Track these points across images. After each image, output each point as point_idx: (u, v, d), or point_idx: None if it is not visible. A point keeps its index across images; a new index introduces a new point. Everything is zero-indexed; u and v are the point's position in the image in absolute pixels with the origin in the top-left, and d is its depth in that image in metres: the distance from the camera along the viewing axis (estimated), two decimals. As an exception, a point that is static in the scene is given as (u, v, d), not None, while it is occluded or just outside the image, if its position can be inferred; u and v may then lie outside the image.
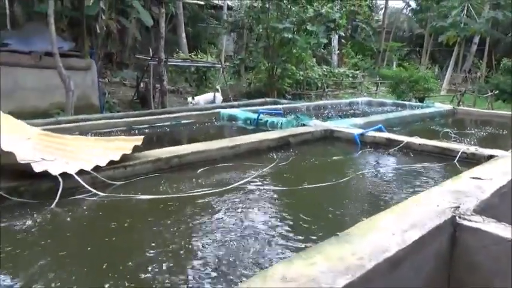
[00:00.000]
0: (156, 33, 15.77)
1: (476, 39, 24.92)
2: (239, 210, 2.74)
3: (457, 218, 2.17)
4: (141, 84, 12.32)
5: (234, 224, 2.51)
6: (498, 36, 26.13)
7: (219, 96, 10.37)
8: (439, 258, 2.11)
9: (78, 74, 9.10)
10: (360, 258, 1.62)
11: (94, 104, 9.65)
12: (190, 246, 2.21)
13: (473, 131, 6.24)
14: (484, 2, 22.61)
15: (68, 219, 2.53)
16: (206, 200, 2.87)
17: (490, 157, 3.70)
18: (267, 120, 5.64)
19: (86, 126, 5.13)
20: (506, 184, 2.83)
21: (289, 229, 2.47)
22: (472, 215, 2.21)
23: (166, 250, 2.15)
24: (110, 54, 17.25)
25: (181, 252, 2.14)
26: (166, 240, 2.26)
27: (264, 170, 3.55)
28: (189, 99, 10.07)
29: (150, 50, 12.08)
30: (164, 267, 1.98)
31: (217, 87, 11.27)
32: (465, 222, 2.13)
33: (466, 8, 21.68)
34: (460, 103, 12.64)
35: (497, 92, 16.34)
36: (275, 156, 4.04)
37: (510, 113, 9.04)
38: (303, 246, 2.22)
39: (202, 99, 9.97)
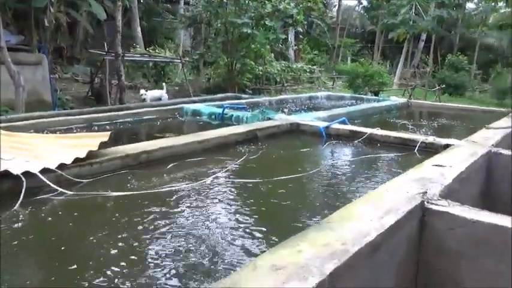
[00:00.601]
0: (109, 27, 15.21)
1: (424, 37, 26.27)
2: (211, 205, 2.73)
3: (425, 202, 2.29)
4: (95, 80, 11.82)
5: (206, 220, 2.49)
6: (443, 33, 27.73)
7: (164, 94, 9.74)
8: (410, 241, 2.23)
9: (27, 69, 8.57)
10: (343, 244, 1.68)
11: (46, 100, 9.13)
12: (159, 245, 2.16)
13: (427, 122, 6.59)
14: (430, 0, 23.82)
15: (34, 220, 2.40)
16: (178, 195, 2.83)
17: (447, 146, 3.93)
18: (232, 115, 5.63)
19: (42, 124, 4.86)
20: (465, 170, 3.03)
21: (265, 222, 2.50)
22: (438, 199, 2.35)
23: (134, 249, 2.09)
24: (60, 49, 16.39)
25: (148, 252, 2.09)
26: (135, 239, 2.19)
27: (234, 163, 3.56)
28: (142, 91, 9.65)
29: (105, 45, 11.60)
30: (129, 268, 1.93)
31: (163, 84, 10.74)
32: (433, 207, 2.26)
33: (414, 7, 22.74)
34: (412, 96, 13.27)
35: (444, 86, 17.36)
36: (243, 150, 4.05)
37: (456, 105, 9.66)
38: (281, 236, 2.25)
39: (150, 94, 9.44)
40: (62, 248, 2.11)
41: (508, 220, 2.04)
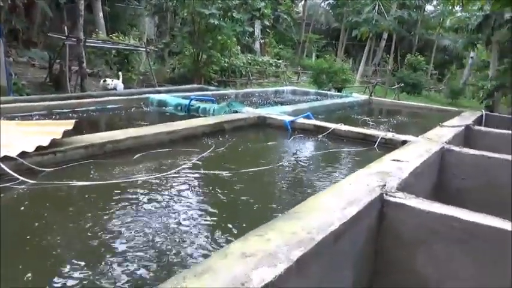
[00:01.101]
0: (69, 11, 14.56)
1: (385, 36, 27.16)
2: (177, 196, 2.74)
3: (384, 195, 2.44)
4: (54, 66, 11.32)
5: (170, 211, 2.51)
6: (403, 33, 28.80)
7: (120, 84, 9.34)
8: (370, 231, 2.37)
9: (-20, 51, 8.08)
10: (309, 233, 1.77)
11: (0, 85, 8.66)
12: (122, 235, 2.15)
13: (386, 119, 6.89)
14: (392, 1, 24.63)
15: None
16: (143, 186, 2.82)
17: (404, 142, 4.15)
18: (199, 107, 5.62)
19: (-2, 110, 4.64)
20: (420, 165, 3.22)
21: (231, 213, 2.56)
22: (396, 192, 2.51)
23: (96, 240, 2.08)
24: (15, 31, 15.54)
25: (111, 243, 2.08)
26: (97, 229, 2.18)
27: (202, 155, 3.58)
28: (108, 80, 9.28)
29: (65, 29, 11.12)
30: (89, 259, 1.93)
31: (119, 73, 10.36)
32: (391, 199, 2.41)
33: (377, 6, 23.43)
34: (373, 94, 13.74)
35: (403, 84, 18.10)
36: (211, 142, 4.07)
37: (414, 103, 10.12)
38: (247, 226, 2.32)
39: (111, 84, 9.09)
40: (23, 237, 2.07)
41: (457, 211, 2.22)
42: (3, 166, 2.59)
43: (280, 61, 21.77)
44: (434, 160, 3.67)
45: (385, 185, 2.55)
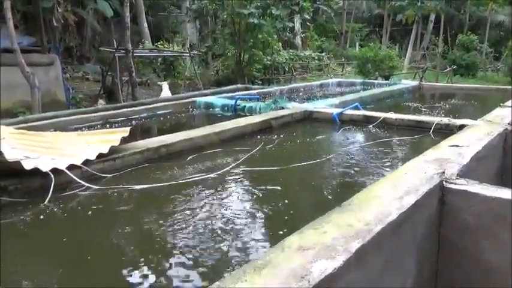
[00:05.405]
0: (116, 24, 15.30)
1: (433, 17, 25.79)
2: (233, 193, 2.80)
3: (444, 182, 2.33)
4: (106, 78, 11.96)
5: (229, 207, 2.56)
6: (452, 13, 27.19)
7: (166, 90, 9.57)
8: (431, 220, 2.27)
9: (41, 70, 8.72)
10: (366, 224, 1.73)
11: (60, 100, 9.31)
12: (187, 233, 2.24)
13: (440, 104, 6.56)
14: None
15: (66, 214, 2.50)
16: (200, 185, 2.91)
17: (462, 126, 3.93)
18: (245, 106, 5.68)
19: (60, 123, 4.98)
20: (481, 149, 3.04)
21: (287, 206, 2.57)
22: (456, 178, 2.39)
23: (164, 236, 2.19)
24: (69, 48, 16.58)
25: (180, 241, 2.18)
26: (167, 229, 2.29)
27: (252, 153, 3.62)
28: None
29: (114, 42, 11.71)
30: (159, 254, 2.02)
31: (164, 83, 10.69)
32: (452, 186, 2.30)
33: (421, -13, 22.29)
34: (423, 79, 13.11)
35: (455, 67, 17.12)
36: (259, 140, 4.10)
37: (469, 85, 9.56)
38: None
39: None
40: (93, 239, 2.22)
41: (527, 195, 2.08)
42: (70, 174, 2.78)
43: (323, 54, 21.41)
44: (497, 143, 3.45)
45: (444, 172, 2.44)
